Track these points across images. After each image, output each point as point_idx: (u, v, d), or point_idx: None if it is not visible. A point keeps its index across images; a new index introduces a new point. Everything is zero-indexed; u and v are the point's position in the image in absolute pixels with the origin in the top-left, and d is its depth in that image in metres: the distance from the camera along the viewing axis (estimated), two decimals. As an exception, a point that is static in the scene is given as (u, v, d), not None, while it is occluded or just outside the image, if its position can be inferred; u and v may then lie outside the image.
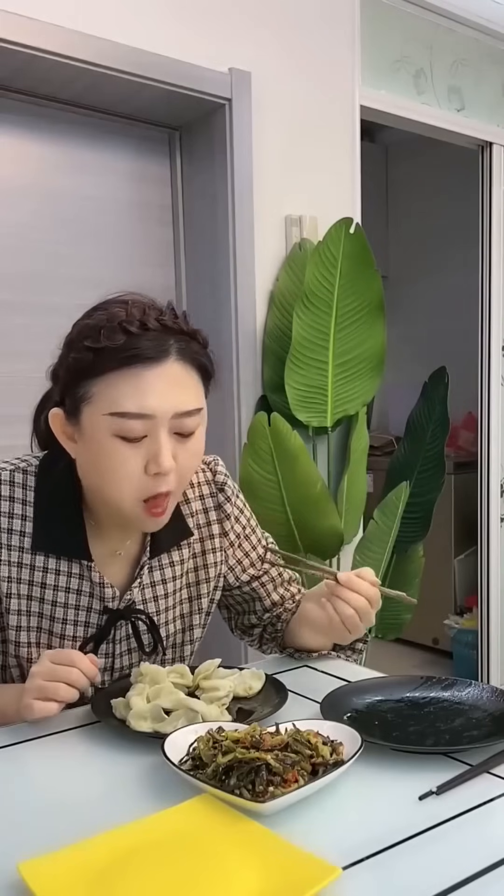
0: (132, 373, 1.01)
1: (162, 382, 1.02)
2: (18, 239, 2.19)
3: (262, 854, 0.73)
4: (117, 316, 1.03)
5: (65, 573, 1.15)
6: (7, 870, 0.73)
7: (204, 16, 2.22)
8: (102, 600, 1.17)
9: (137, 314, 1.03)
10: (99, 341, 1.01)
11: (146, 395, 1.01)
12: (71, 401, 1.06)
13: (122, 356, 1.01)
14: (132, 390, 1.01)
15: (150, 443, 1.03)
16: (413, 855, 0.75)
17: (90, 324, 1.05)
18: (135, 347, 1.01)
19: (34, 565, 1.14)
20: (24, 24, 1.88)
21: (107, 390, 1.02)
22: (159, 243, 2.47)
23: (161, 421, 1.03)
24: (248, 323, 2.38)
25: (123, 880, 0.70)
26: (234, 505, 1.29)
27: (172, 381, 1.03)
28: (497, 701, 1.05)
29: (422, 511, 2.72)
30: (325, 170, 2.54)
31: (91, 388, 1.03)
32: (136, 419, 1.02)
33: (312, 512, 2.31)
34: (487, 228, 3.18)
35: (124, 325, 1.01)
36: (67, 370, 1.06)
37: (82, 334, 1.04)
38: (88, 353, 1.02)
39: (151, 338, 1.02)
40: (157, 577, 1.22)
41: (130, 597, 1.19)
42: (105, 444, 1.03)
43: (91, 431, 1.04)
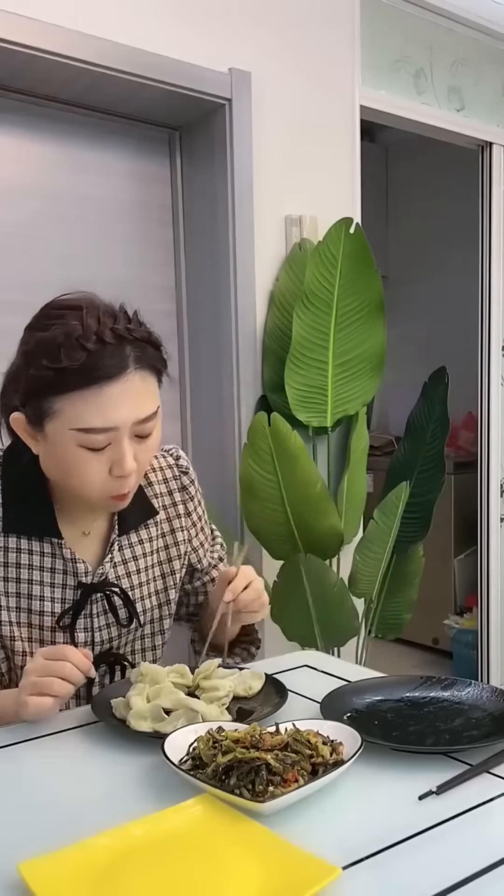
0: (94, 391, 1.04)
1: (122, 396, 1.06)
2: (18, 239, 2.19)
3: (262, 854, 0.73)
4: (74, 330, 1.04)
5: (37, 552, 1.19)
6: (7, 870, 0.73)
7: (204, 16, 2.22)
8: (76, 576, 1.20)
9: (93, 325, 1.04)
10: (59, 360, 1.03)
11: (109, 410, 1.05)
12: (33, 412, 1.09)
13: (82, 376, 1.03)
14: (95, 408, 1.05)
15: (113, 449, 1.08)
16: (413, 855, 0.75)
17: (47, 338, 1.05)
18: (95, 367, 1.03)
19: (7, 547, 1.18)
20: (24, 24, 1.88)
21: (70, 408, 1.05)
22: (159, 243, 2.47)
23: (123, 431, 1.07)
24: (248, 323, 2.38)
25: (123, 880, 0.71)
26: (198, 489, 1.36)
27: (132, 393, 1.07)
28: (497, 701, 1.05)
29: (422, 511, 2.72)
30: (325, 170, 2.54)
31: (53, 405, 1.06)
32: (100, 433, 1.06)
33: (312, 512, 2.31)
34: (487, 228, 3.18)
35: (82, 341, 1.03)
36: (28, 383, 1.07)
37: (41, 350, 1.05)
38: (48, 371, 1.04)
39: (110, 352, 1.04)
40: (129, 554, 1.26)
41: (103, 571, 1.22)
42: (70, 452, 1.08)
43: (56, 442, 1.08)
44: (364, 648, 2.60)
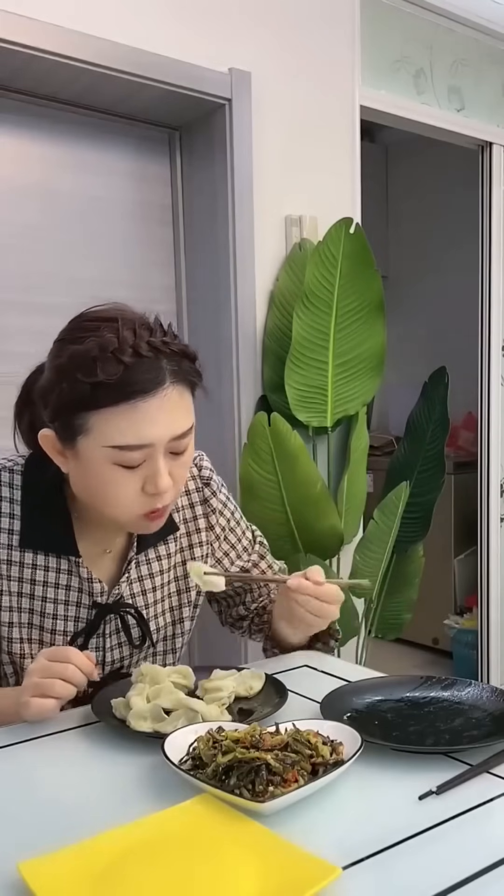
0: (130, 406, 1.00)
1: (159, 412, 1.02)
2: (18, 239, 2.19)
3: (262, 854, 0.73)
4: (110, 343, 1.00)
5: (53, 569, 1.16)
6: (7, 870, 0.73)
7: (204, 16, 2.22)
8: (91, 595, 1.18)
9: (129, 338, 1.01)
10: (94, 374, 0.99)
11: (144, 427, 1.01)
12: (65, 428, 1.05)
13: (118, 391, 1.00)
14: (130, 424, 1.01)
15: (147, 467, 1.04)
16: (413, 855, 0.75)
17: (82, 352, 1.01)
18: (131, 381, 1.00)
19: (23, 562, 1.15)
20: (24, 24, 1.88)
21: (105, 424, 1.01)
22: (159, 243, 2.47)
23: (159, 448, 1.04)
24: (248, 323, 2.38)
25: (123, 880, 0.71)
26: (219, 500, 1.31)
27: (168, 408, 1.03)
28: (497, 701, 1.05)
29: (422, 511, 2.72)
30: (325, 170, 2.54)
31: (88, 421, 1.02)
32: (136, 450, 1.02)
33: (312, 512, 2.31)
34: (487, 228, 3.18)
35: (118, 354, 0.99)
36: (60, 398, 1.03)
37: (74, 364, 1.01)
38: (83, 385, 1.00)
39: (146, 367, 1.01)
40: (145, 571, 1.24)
41: (119, 591, 1.20)
42: (103, 470, 1.04)
43: (87, 459, 1.04)
44: (364, 648, 2.60)
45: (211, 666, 1.17)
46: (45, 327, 2.31)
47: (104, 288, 2.34)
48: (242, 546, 1.36)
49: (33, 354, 2.35)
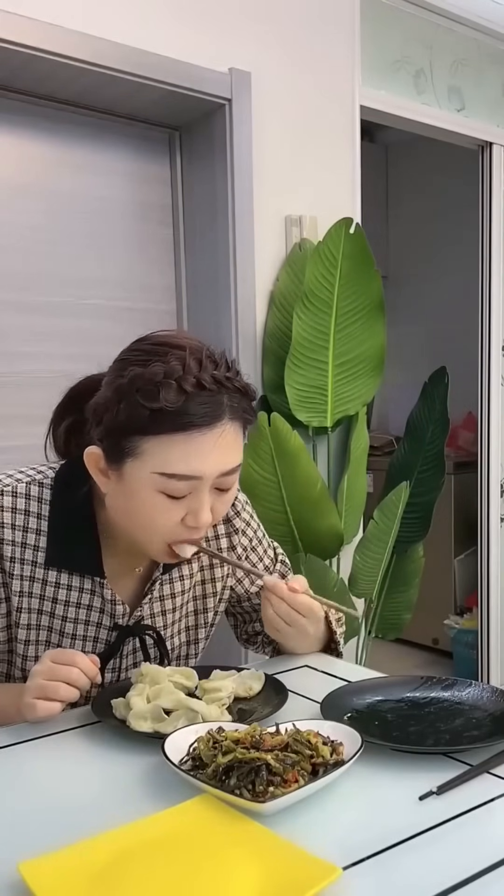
0: (186, 437, 1.00)
1: (213, 447, 1.01)
2: (19, 239, 2.19)
3: (262, 854, 0.73)
4: (174, 371, 0.99)
5: (76, 588, 1.15)
6: (7, 870, 0.73)
7: (204, 16, 2.22)
8: (112, 616, 1.17)
9: (195, 369, 1.00)
10: (156, 400, 0.98)
11: (197, 459, 1.01)
12: (114, 448, 1.03)
13: (177, 420, 0.99)
14: (183, 455, 1.00)
15: (191, 500, 1.04)
16: (413, 855, 0.75)
17: (146, 375, 0.99)
18: (191, 412, 0.99)
19: (46, 580, 1.14)
20: (24, 24, 1.88)
21: (158, 451, 1.00)
22: (159, 243, 2.47)
23: (206, 482, 1.03)
24: (248, 323, 2.38)
25: (123, 880, 0.70)
26: (242, 519, 1.30)
27: (222, 444, 1.02)
28: (497, 701, 1.05)
29: (422, 511, 2.72)
30: (325, 170, 2.54)
31: (141, 445, 1.01)
32: (184, 481, 1.02)
33: (312, 512, 2.31)
34: (487, 228, 3.18)
35: (181, 383, 0.98)
36: (115, 419, 1.01)
37: (136, 387, 0.99)
38: (143, 409, 0.99)
39: (207, 399, 1.00)
40: (167, 591, 1.23)
41: (140, 612, 1.19)
42: (147, 497, 1.03)
43: (133, 482, 1.03)
44: (364, 648, 2.60)
45: (211, 666, 1.17)
46: (45, 327, 2.33)
47: (104, 288, 2.35)
48: (264, 565, 1.34)
49: (33, 354, 2.36)
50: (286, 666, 1.26)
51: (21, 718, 1.05)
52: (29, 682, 1.03)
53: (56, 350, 2.23)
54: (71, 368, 1.22)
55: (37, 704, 1.01)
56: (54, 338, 2.24)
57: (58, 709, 1.02)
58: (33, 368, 2.20)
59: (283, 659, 1.31)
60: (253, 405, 1.09)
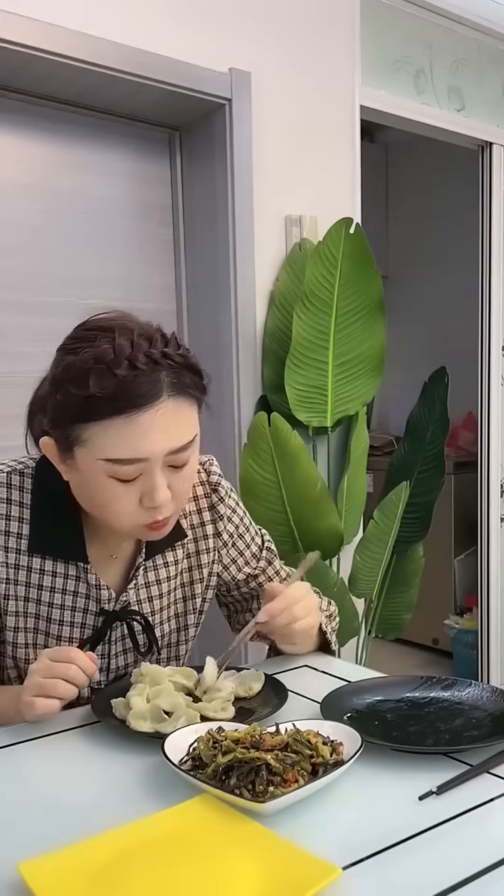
0: (123, 420, 0.98)
1: (155, 426, 0.99)
2: (18, 239, 2.19)
3: (262, 854, 0.73)
4: (105, 355, 0.97)
5: (61, 575, 1.15)
6: (7, 870, 0.73)
7: (204, 16, 2.22)
8: (98, 602, 1.17)
9: (126, 350, 0.98)
10: (87, 387, 0.97)
11: (139, 440, 0.99)
12: (62, 438, 1.04)
13: (111, 404, 0.97)
14: (124, 438, 0.99)
15: (144, 480, 1.03)
16: (413, 855, 0.75)
17: (76, 363, 0.99)
18: (125, 394, 0.97)
19: (31, 567, 1.14)
20: (24, 24, 1.88)
21: (99, 437, 0.99)
22: (159, 243, 2.47)
23: (155, 462, 1.02)
24: (248, 323, 2.38)
25: (123, 880, 0.70)
26: (227, 505, 1.29)
27: (165, 422, 1.00)
28: (497, 701, 1.05)
29: (422, 511, 2.72)
30: (325, 170, 2.54)
31: (82, 433, 1.00)
32: (130, 464, 1.00)
33: (312, 512, 2.31)
34: (487, 228, 3.18)
35: (112, 367, 0.97)
36: (55, 410, 1.02)
37: (69, 375, 0.99)
38: (77, 398, 0.98)
39: (142, 379, 0.98)
40: (152, 577, 1.23)
41: (126, 598, 1.19)
42: (99, 482, 1.02)
43: (85, 470, 1.03)
44: (364, 648, 2.60)
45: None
46: (45, 327, 2.33)
47: (104, 288, 2.35)
48: (251, 552, 1.34)
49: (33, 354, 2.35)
50: (286, 666, 1.26)
51: (20, 718, 1.05)
52: (27, 681, 1.03)
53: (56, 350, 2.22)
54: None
55: (35, 702, 1.01)
56: (54, 338, 2.21)
57: (57, 706, 1.02)
58: (33, 368, 2.17)
59: (283, 659, 1.31)
60: (201, 379, 1.07)
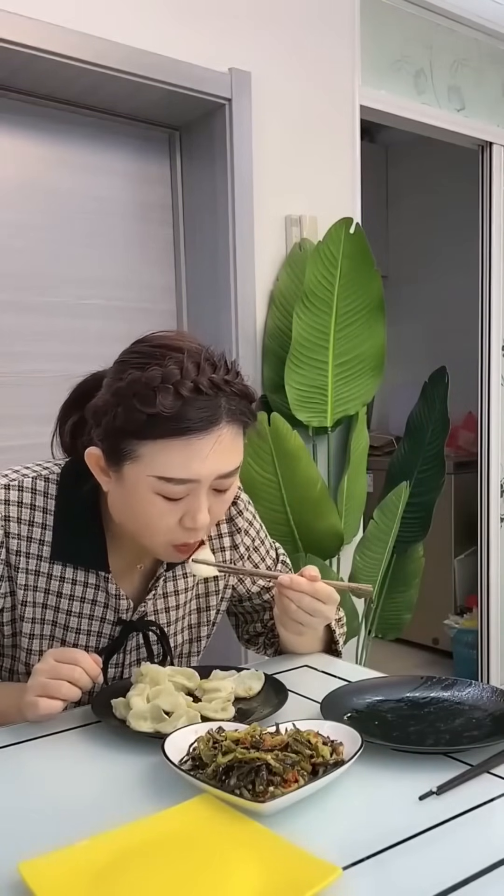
0: (183, 441, 0.99)
1: (210, 450, 1.01)
2: (18, 239, 2.19)
3: (262, 854, 0.73)
4: (172, 375, 0.98)
5: (81, 583, 1.15)
6: (7, 870, 0.73)
7: (204, 16, 2.22)
8: (117, 612, 1.17)
9: (192, 373, 0.99)
10: (153, 405, 0.98)
11: (194, 463, 1.01)
12: (112, 451, 1.04)
13: (173, 424, 0.99)
14: (181, 459, 1.00)
15: (189, 501, 1.04)
16: (413, 855, 0.75)
17: (143, 379, 0.99)
18: (187, 417, 0.99)
19: (51, 574, 1.14)
20: (24, 24, 1.88)
21: (155, 455, 1.00)
22: (159, 243, 2.47)
23: (204, 484, 1.03)
24: (248, 323, 2.38)
25: (123, 880, 0.70)
26: (245, 518, 1.30)
27: (220, 448, 1.02)
28: (497, 701, 1.05)
29: (422, 511, 2.72)
30: (325, 170, 2.54)
31: (138, 449, 1.01)
32: (181, 484, 1.02)
33: (312, 512, 2.31)
34: (487, 228, 3.18)
35: (179, 388, 0.98)
36: (113, 422, 1.02)
37: (133, 391, 0.99)
38: (140, 414, 0.99)
39: (204, 404, 1.00)
40: (171, 588, 1.23)
41: (144, 608, 1.20)
42: (145, 498, 1.03)
43: (131, 484, 1.04)
44: (364, 648, 2.60)
45: (210, 666, 1.17)
46: (45, 327, 2.33)
47: (104, 288, 2.35)
48: (266, 566, 1.34)
49: (33, 354, 2.36)
50: (286, 666, 1.26)
51: (22, 718, 1.05)
52: (31, 681, 1.03)
53: (56, 350, 2.23)
54: (71, 368, 1.22)
55: (39, 702, 1.01)
56: (54, 338, 2.24)
57: (59, 707, 1.02)
58: (33, 368, 2.20)
59: (283, 659, 1.31)
60: (253, 407, 1.08)
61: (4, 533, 1.12)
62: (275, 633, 1.34)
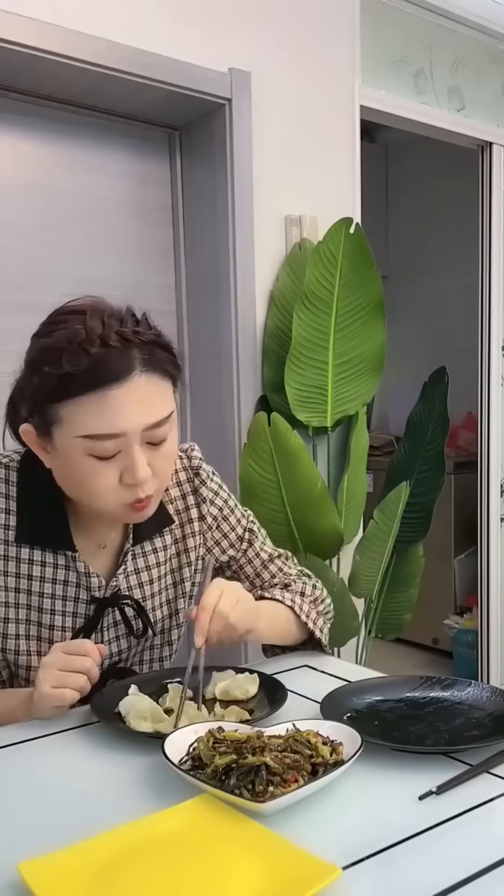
0: (98, 395, 1.00)
1: (129, 400, 1.01)
2: (18, 239, 2.19)
3: (262, 854, 0.73)
4: (77, 335, 1.00)
5: (50, 564, 1.16)
6: (7, 870, 0.73)
7: (204, 16, 2.22)
8: (89, 590, 1.18)
9: (97, 329, 1.01)
10: (61, 366, 0.99)
11: (115, 416, 1.01)
12: (40, 421, 1.06)
13: (86, 381, 1.00)
14: (100, 413, 1.01)
15: (123, 457, 1.04)
16: (413, 855, 0.75)
17: (49, 344, 1.02)
18: (98, 370, 1.00)
19: (20, 557, 1.15)
20: (24, 24, 1.88)
21: (75, 414, 1.01)
22: (159, 243, 2.47)
23: (132, 437, 1.03)
24: (248, 323, 2.38)
25: (123, 880, 0.71)
26: (209, 488, 1.30)
27: (140, 397, 1.02)
28: (497, 701, 1.05)
29: (422, 511, 2.72)
30: (325, 170, 2.54)
31: (59, 412, 1.02)
32: (108, 440, 1.02)
33: (312, 512, 2.31)
34: (487, 228, 3.18)
35: (84, 345, 0.99)
36: (33, 392, 1.05)
37: (43, 357, 1.02)
38: (52, 377, 1.00)
39: (114, 356, 1.01)
40: (141, 563, 1.24)
41: (116, 584, 1.20)
42: (79, 461, 1.04)
43: (63, 450, 1.05)
44: (364, 648, 2.60)
45: (210, 666, 1.17)
46: (45, 327, 2.30)
47: (104, 288, 2.33)
48: (236, 535, 1.34)
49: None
50: (286, 666, 1.26)
51: (26, 717, 1.06)
52: (42, 673, 1.04)
53: (56, 350, 2.23)
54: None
55: (56, 693, 1.01)
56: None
57: (76, 698, 1.03)
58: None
59: (283, 659, 1.31)
60: (172, 355, 1.09)
61: None
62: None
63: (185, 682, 1.08)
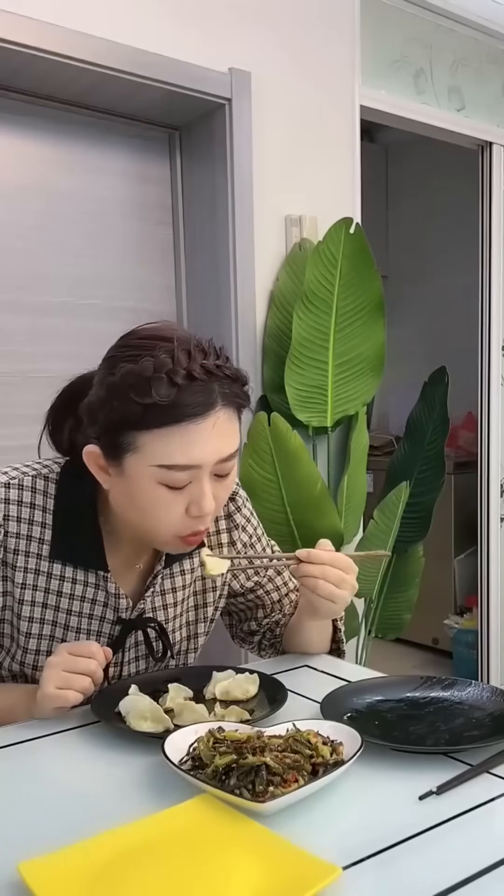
0: (182, 428, 1.00)
1: (209, 435, 1.02)
2: (18, 239, 2.19)
3: (262, 854, 0.73)
4: (164, 364, 1.00)
5: (81, 582, 1.16)
6: (7, 870, 0.73)
7: (204, 16, 2.22)
8: (116, 610, 1.18)
9: (184, 361, 1.00)
10: (148, 395, 0.99)
11: (194, 448, 1.02)
12: (111, 445, 1.04)
13: (171, 413, 1.00)
14: (180, 445, 1.01)
15: (193, 488, 1.04)
16: (413, 855, 0.75)
17: (136, 371, 1.00)
18: (184, 403, 1.00)
19: (51, 573, 1.15)
20: (24, 24, 1.88)
21: (154, 444, 1.01)
22: (159, 243, 2.47)
23: (205, 469, 1.04)
24: (248, 323, 2.38)
25: (123, 880, 0.70)
26: (243, 515, 1.31)
27: (218, 431, 1.03)
28: (497, 701, 1.05)
29: (422, 511, 2.72)
30: (325, 170, 2.54)
31: (137, 440, 1.02)
32: (183, 471, 1.02)
33: (312, 512, 2.31)
34: (487, 228, 3.18)
35: (171, 375, 0.99)
36: (110, 417, 1.03)
37: (127, 383, 1.00)
38: (136, 405, 1.00)
39: (198, 389, 1.01)
40: (168, 585, 1.23)
41: (142, 606, 1.20)
42: (148, 489, 1.04)
43: (134, 477, 1.04)
44: (364, 648, 2.60)
45: (209, 666, 1.17)
46: (45, 327, 2.33)
47: (104, 288, 2.35)
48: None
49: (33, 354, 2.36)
50: (286, 666, 1.26)
51: (27, 715, 1.06)
52: (47, 673, 1.03)
53: (56, 350, 2.23)
54: (70, 368, 1.22)
55: (60, 694, 1.01)
56: (53, 338, 2.24)
57: (80, 699, 1.03)
58: (33, 368, 2.20)
59: (283, 659, 1.31)
60: (246, 389, 1.10)
61: (4, 532, 1.12)
62: (274, 633, 1.34)
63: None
